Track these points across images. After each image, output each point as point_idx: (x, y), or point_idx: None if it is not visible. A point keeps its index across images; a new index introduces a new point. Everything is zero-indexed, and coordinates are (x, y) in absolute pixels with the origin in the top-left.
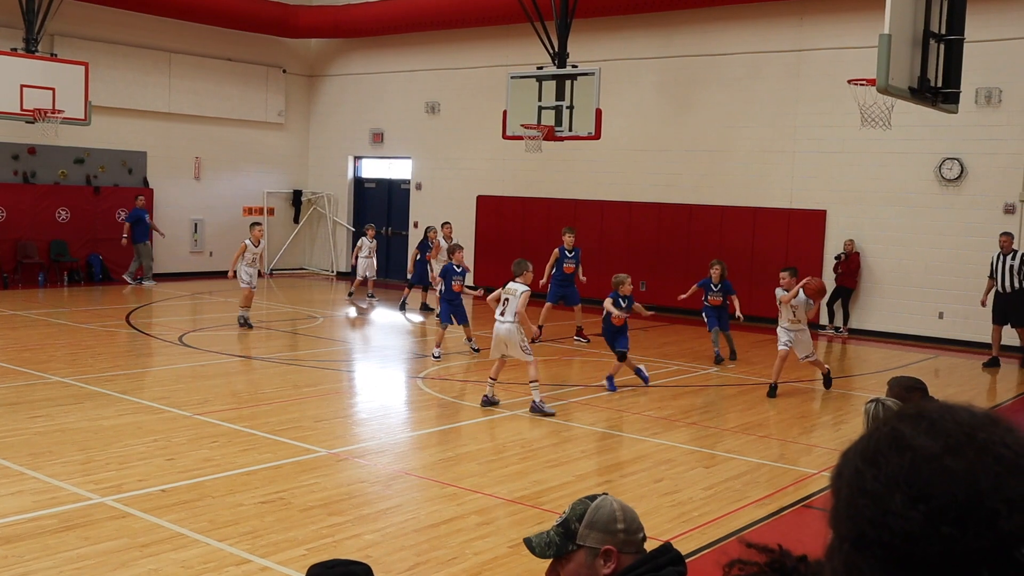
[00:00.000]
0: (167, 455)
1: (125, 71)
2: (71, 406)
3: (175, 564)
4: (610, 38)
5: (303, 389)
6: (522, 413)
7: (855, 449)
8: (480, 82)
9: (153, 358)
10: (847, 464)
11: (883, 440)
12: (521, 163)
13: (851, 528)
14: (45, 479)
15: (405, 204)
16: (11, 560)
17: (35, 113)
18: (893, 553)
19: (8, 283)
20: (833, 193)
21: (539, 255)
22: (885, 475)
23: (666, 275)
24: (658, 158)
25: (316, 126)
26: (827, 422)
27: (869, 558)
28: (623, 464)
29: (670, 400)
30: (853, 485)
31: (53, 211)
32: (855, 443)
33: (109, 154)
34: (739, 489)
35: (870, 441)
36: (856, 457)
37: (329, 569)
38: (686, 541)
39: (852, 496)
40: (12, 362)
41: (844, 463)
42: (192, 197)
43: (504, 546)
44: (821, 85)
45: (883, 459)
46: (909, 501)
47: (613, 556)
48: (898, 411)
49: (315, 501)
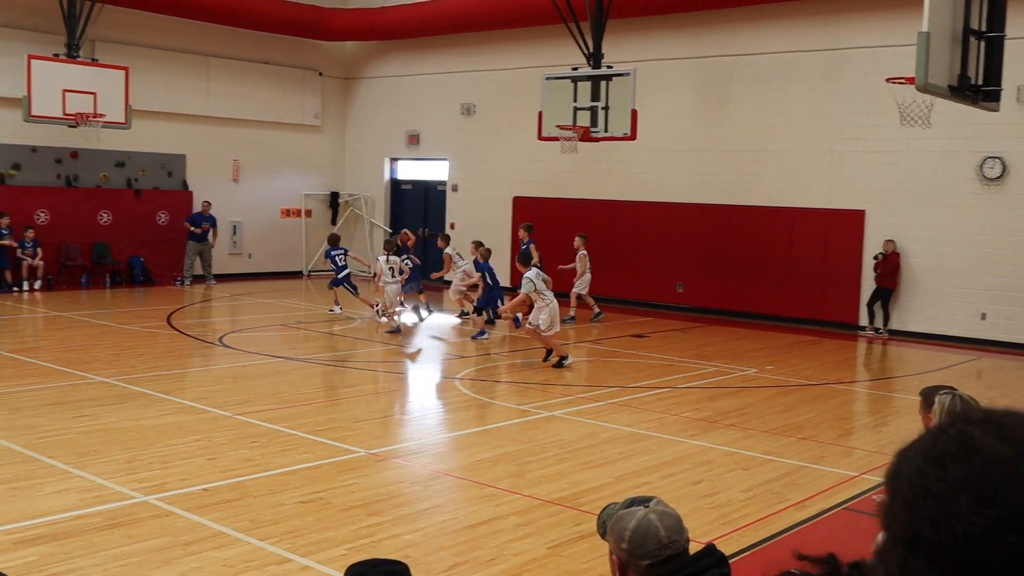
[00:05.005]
0: (208, 455)
1: (164, 75)
2: (114, 406)
3: (217, 563)
4: (645, 38)
5: (341, 390)
6: (560, 414)
7: (917, 448)
8: (515, 83)
9: (194, 359)
10: (907, 463)
11: (951, 441)
12: (557, 164)
13: (908, 528)
14: (90, 478)
15: (441, 206)
16: (58, 557)
17: (77, 117)
18: (951, 558)
19: (52, 285)
20: (872, 193)
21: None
22: (952, 477)
23: (703, 276)
24: (694, 158)
25: (352, 128)
26: (867, 424)
27: (924, 561)
28: (661, 465)
29: (708, 402)
30: (914, 484)
31: (95, 214)
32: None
33: (149, 157)
34: (779, 491)
35: (936, 442)
36: (918, 456)
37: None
38: (726, 543)
39: (912, 496)
40: (57, 362)
41: (904, 462)
42: (231, 199)
43: (543, 547)
44: (858, 84)
45: (950, 460)
46: (975, 505)
47: (616, 567)
48: (964, 413)
49: (354, 501)
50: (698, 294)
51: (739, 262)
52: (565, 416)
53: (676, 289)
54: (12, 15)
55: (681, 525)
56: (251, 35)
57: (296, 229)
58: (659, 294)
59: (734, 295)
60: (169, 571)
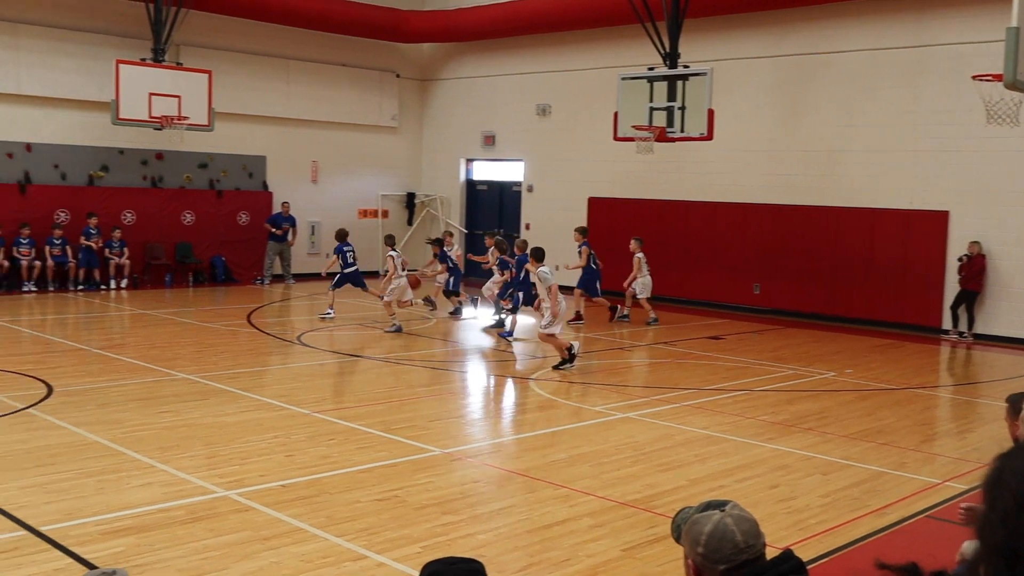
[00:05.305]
0: (287, 451)
1: (246, 78)
2: (196, 402)
3: (295, 558)
4: (722, 37)
5: (417, 389)
6: (634, 415)
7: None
8: (591, 84)
9: (273, 357)
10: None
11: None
12: (632, 164)
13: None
14: (173, 472)
15: (517, 206)
16: (142, 549)
17: (162, 120)
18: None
19: (138, 283)
20: (956, 193)
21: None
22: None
23: (780, 278)
24: (772, 158)
25: (429, 129)
26: (951, 430)
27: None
28: (737, 469)
29: (785, 405)
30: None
31: (179, 214)
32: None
33: (231, 159)
34: (858, 498)
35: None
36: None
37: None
38: (803, 549)
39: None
40: (142, 359)
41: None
42: (309, 200)
43: (617, 549)
44: (942, 81)
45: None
46: None
47: (691, 571)
48: None
49: (429, 500)
50: (775, 296)
51: (817, 263)
52: (640, 418)
53: (753, 290)
54: (102, 21)
55: (758, 530)
56: (330, 38)
57: (373, 229)
58: (735, 295)
59: (812, 297)
60: (248, 565)
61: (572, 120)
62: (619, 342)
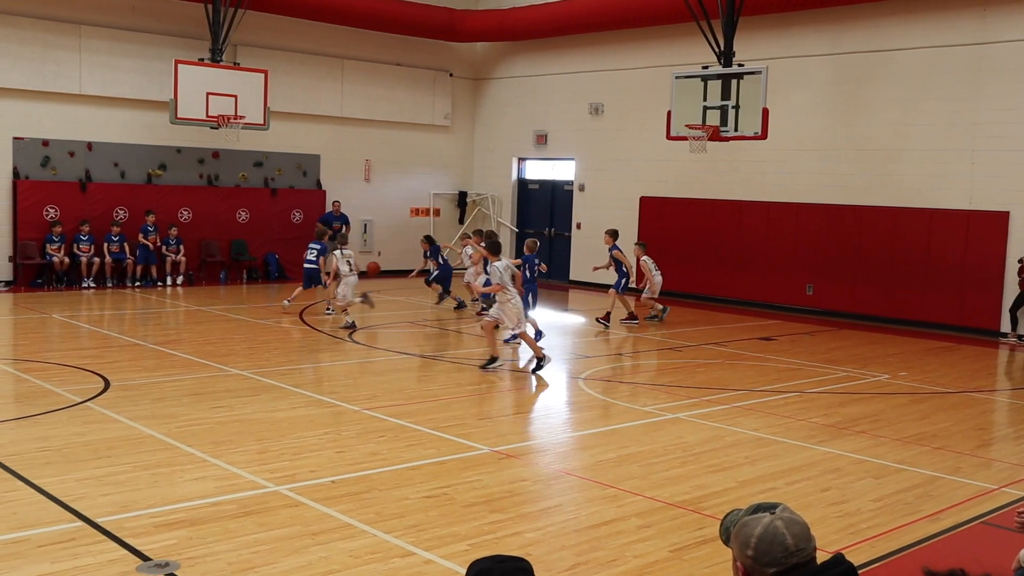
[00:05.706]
0: (337, 448)
1: (301, 77)
2: (249, 398)
3: (344, 553)
4: (777, 36)
5: (466, 387)
6: (684, 416)
7: None
8: (644, 83)
9: (324, 354)
10: None
11: None
12: (685, 164)
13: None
14: (225, 466)
15: (568, 205)
16: (195, 541)
17: (219, 119)
18: None
19: (193, 280)
20: (1017, 193)
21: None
22: None
23: (834, 279)
24: (827, 158)
25: (481, 128)
26: (1008, 435)
27: None
28: (788, 471)
29: (838, 407)
30: None
31: (234, 212)
32: None
33: (285, 157)
34: (911, 502)
35: None
36: None
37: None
38: (855, 553)
39: None
40: (196, 355)
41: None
42: (362, 198)
43: (665, 550)
44: (1005, 79)
45: None
46: None
47: (740, 574)
48: None
49: (477, 498)
50: (828, 297)
51: (872, 264)
52: (689, 418)
53: (806, 291)
54: (161, 22)
55: (808, 533)
56: (384, 37)
57: (425, 228)
58: (788, 296)
59: (866, 298)
60: (298, 559)
61: (624, 119)
62: (668, 342)
